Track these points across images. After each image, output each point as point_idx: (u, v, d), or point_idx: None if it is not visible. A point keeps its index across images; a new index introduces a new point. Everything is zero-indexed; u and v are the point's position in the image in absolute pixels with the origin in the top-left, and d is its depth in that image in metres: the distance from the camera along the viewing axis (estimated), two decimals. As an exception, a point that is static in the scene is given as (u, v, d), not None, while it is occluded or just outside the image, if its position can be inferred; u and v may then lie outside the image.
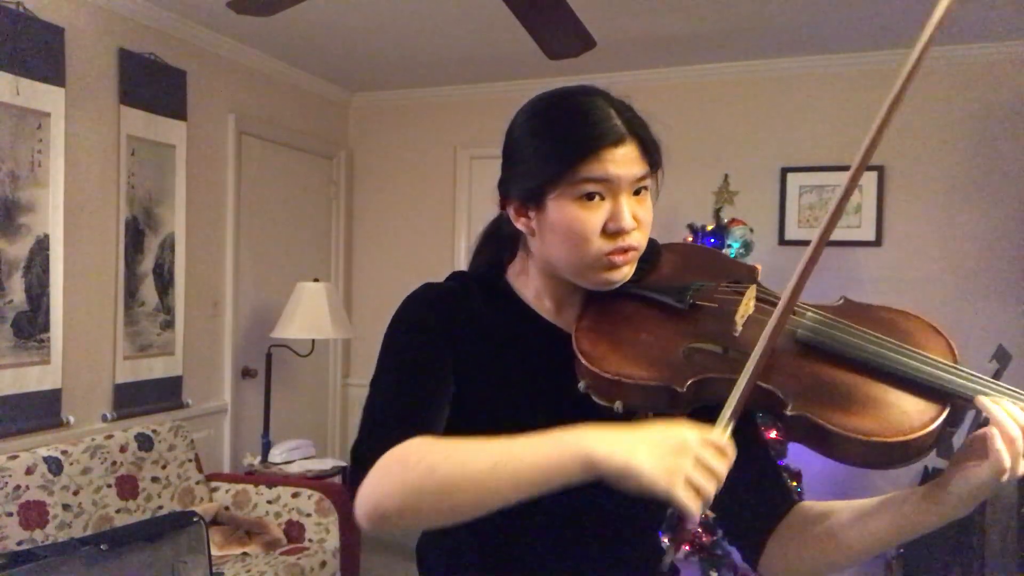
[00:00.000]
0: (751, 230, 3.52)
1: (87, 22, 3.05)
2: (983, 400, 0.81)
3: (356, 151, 4.83)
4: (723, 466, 0.76)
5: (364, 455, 0.87)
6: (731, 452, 0.78)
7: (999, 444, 0.78)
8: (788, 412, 0.84)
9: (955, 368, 0.85)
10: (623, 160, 0.92)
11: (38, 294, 2.85)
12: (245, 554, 3.03)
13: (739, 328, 0.92)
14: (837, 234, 3.90)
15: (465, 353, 0.99)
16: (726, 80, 4.05)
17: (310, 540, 3.20)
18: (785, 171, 3.94)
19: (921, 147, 3.73)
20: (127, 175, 3.22)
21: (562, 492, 0.79)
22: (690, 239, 3.55)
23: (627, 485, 0.76)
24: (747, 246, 3.48)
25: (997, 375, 0.90)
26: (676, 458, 0.75)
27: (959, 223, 3.68)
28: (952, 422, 0.83)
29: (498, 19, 3.01)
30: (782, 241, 3.94)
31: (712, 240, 3.48)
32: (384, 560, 3.96)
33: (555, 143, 0.93)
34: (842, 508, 0.97)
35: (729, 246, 3.45)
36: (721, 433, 0.79)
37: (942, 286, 3.70)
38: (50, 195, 2.88)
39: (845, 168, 0.91)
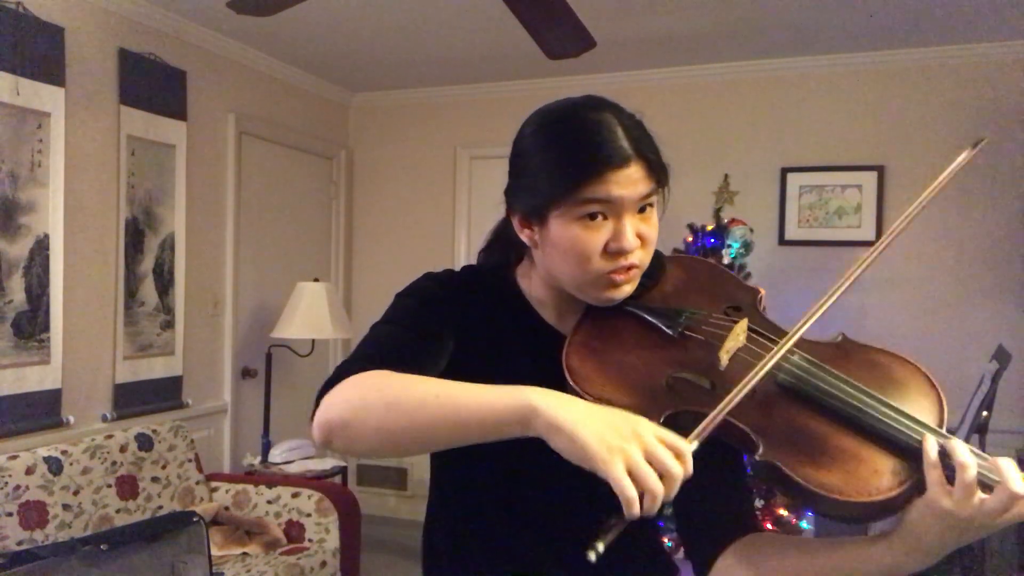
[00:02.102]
0: (751, 230, 3.52)
1: (87, 22, 3.05)
2: (926, 442, 0.78)
3: (356, 151, 4.83)
4: (674, 467, 0.73)
5: (337, 375, 0.88)
6: (688, 460, 0.75)
7: (932, 476, 0.76)
8: (757, 457, 0.83)
9: (935, 430, 0.81)
10: (627, 181, 0.91)
11: (38, 294, 2.85)
12: (245, 554, 3.03)
13: (724, 362, 0.90)
14: (837, 234, 3.90)
15: (464, 340, 1.01)
16: (726, 80, 4.05)
17: (310, 540, 3.20)
18: (785, 171, 3.94)
19: (921, 147, 3.73)
20: (127, 175, 3.22)
21: (568, 483, 0.78)
22: (690, 239, 3.55)
23: (562, 447, 0.75)
24: (747, 246, 3.48)
25: (997, 375, 0.89)
26: (622, 439, 0.73)
27: (959, 223, 3.68)
28: (922, 487, 0.79)
29: (498, 19, 3.01)
30: (782, 241, 3.93)
31: (712, 240, 3.48)
32: (384, 560, 3.96)
33: (559, 162, 0.92)
34: (797, 542, 0.96)
35: (729, 246, 3.45)
36: (685, 442, 0.77)
37: (942, 286, 3.70)
38: (50, 195, 2.88)
39: (845, 168, 0.91)
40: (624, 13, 3.30)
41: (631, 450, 0.73)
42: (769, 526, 3.21)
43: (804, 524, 3.29)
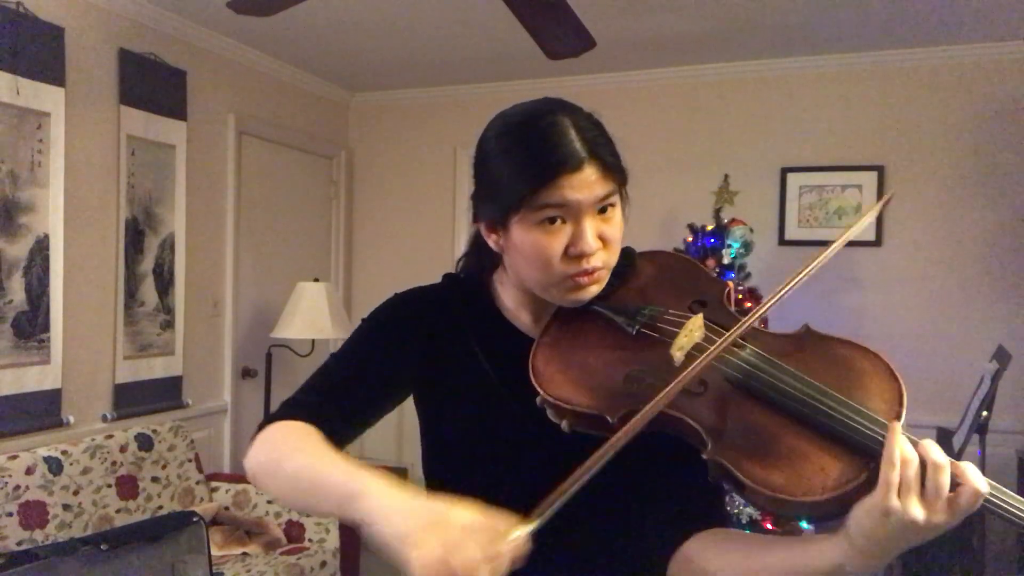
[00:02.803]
0: (751, 230, 3.52)
1: (87, 22, 3.05)
2: (888, 439, 0.76)
3: (356, 151, 4.83)
4: (494, 551, 0.72)
5: (273, 416, 1.00)
6: (513, 544, 0.73)
7: (886, 474, 0.74)
8: (704, 455, 0.82)
9: (885, 425, 0.79)
10: (582, 184, 0.91)
11: (38, 294, 2.85)
12: (245, 554, 3.03)
13: (677, 360, 0.89)
14: (837, 234, 3.91)
15: (433, 358, 1.04)
16: (726, 80, 4.05)
17: (310, 540, 3.20)
18: (785, 171, 3.94)
19: (921, 147, 3.73)
20: (127, 175, 3.22)
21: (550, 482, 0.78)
22: (690, 239, 3.55)
23: (376, 533, 0.78)
24: (747, 246, 3.48)
25: (997, 375, 0.89)
26: (429, 534, 0.73)
27: (959, 223, 3.68)
28: (872, 484, 0.76)
29: (498, 19, 3.01)
30: (782, 241, 3.93)
31: (712, 240, 3.48)
32: (384, 560, 3.95)
33: (514, 169, 0.93)
34: (757, 539, 0.95)
35: (729, 246, 3.45)
36: (518, 525, 0.75)
37: (942, 286, 3.70)
38: (50, 195, 2.88)
39: (845, 168, 0.91)
40: (624, 13, 3.30)
41: (433, 541, 0.73)
42: (769, 526, 3.21)
43: (804, 524, 3.29)
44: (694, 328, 0.91)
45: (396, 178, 4.75)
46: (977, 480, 0.73)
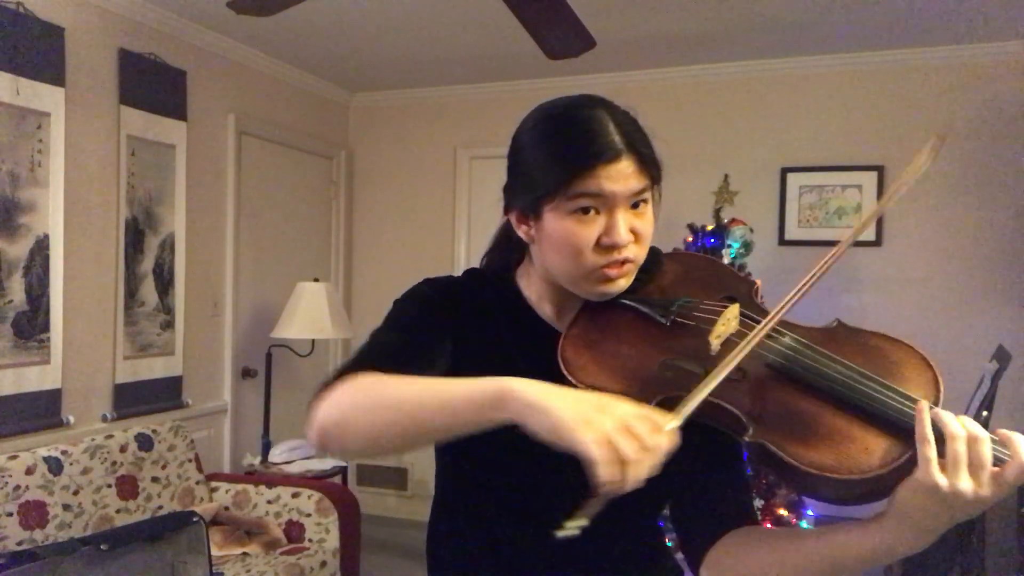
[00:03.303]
0: (751, 230, 3.52)
1: (87, 22, 3.05)
2: (918, 415, 0.77)
3: (356, 151, 4.83)
4: (652, 438, 0.72)
5: (332, 378, 0.91)
6: (667, 433, 0.74)
7: (922, 450, 0.75)
8: (747, 438, 0.83)
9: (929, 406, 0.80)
10: (618, 176, 0.92)
11: (38, 294, 2.85)
12: (245, 554, 3.03)
13: (715, 348, 0.90)
14: (837, 234, 3.91)
15: (463, 344, 1.02)
16: (726, 80, 4.05)
17: (310, 540, 3.20)
18: (785, 171, 3.94)
19: (921, 147, 3.73)
20: (127, 175, 3.22)
21: (575, 489, 0.77)
22: (690, 239, 3.55)
23: (537, 425, 0.75)
24: (747, 246, 3.48)
25: (997, 375, 0.89)
26: (599, 414, 0.73)
27: (959, 223, 3.68)
28: (914, 463, 0.77)
29: (498, 19, 3.01)
30: (782, 241, 3.94)
31: (712, 240, 3.48)
32: (384, 560, 3.96)
33: (552, 157, 0.94)
34: (788, 532, 0.96)
35: (729, 246, 3.45)
36: (667, 418, 0.76)
37: (942, 286, 3.70)
38: (50, 195, 2.88)
39: (845, 168, 0.91)
40: (624, 13, 3.30)
41: (606, 421, 0.72)
42: (769, 525, 3.21)
43: (804, 524, 3.29)
44: (731, 317, 0.93)
45: (396, 178, 4.75)
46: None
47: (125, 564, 2.30)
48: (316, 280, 3.92)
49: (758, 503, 3.21)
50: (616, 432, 0.71)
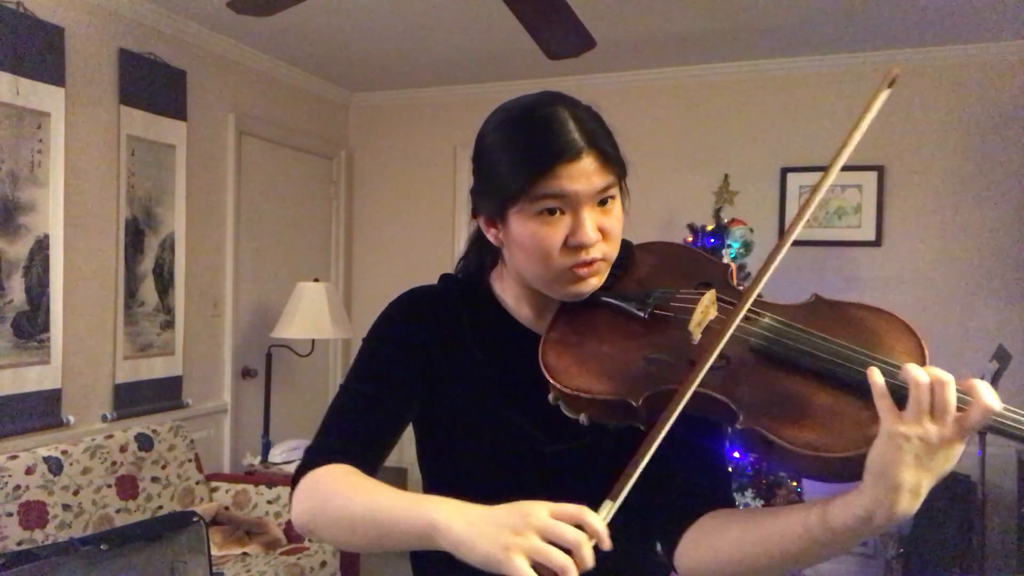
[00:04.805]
0: (751, 230, 3.52)
1: (87, 22, 3.05)
2: (871, 374, 0.76)
3: (356, 151, 4.83)
4: (576, 536, 0.74)
5: (303, 465, 0.98)
6: (594, 524, 0.75)
7: (881, 405, 0.75)
8: (738, 426, 0.82)
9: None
10: (580, 175, 0.91)
11: (38, 294, 2.85)
12: (245, 554, 3.03)
13: (696, 336, 0.89)
14: (837, 234, 3.89)
15: (440, 358, 1.02)
16: (726, 80, 4.05)
17: (310, 540, 3.20)
18: (785, 171, 3.94)
19: (921, 147, 3.73)
20: (127, 175, 3.22)
21: (557, 497, 0.78)
22: (690, 239, 3.55)
23: (468, 559, 0.77)
24: (747, 246, 3.48)
25: (997, 375, 0.88)
26: (516, 537, 0.74)
27: (959, 223, 3.68)
28: None
29: (498, 19, 3.01)
30: (782, 241, 3.93)
31: (712, 240, 3.48)
32: (384, 560, 3.96)
33: (512, 159, 0.93)
34: (767, 510, 0.92)
35: (729, 246, 3.45)
36: (584, 508, 0.76)
37: (942, 286, 3.70)
38: (50, 195, 2.88)
39: (845, 168, 0.91)
40: (624, 13, 3.29)
41: (526, 541, 0.74)
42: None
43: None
44: (709, 304, 0.91)
45: (396, 178, 4.75)
46: (988, 397, 0.72)
47: (125, 564, 2.30)
48: (316, 280, 3.92)
49: (758, 503, 3.21)
50: (540, 546, 0.74)
